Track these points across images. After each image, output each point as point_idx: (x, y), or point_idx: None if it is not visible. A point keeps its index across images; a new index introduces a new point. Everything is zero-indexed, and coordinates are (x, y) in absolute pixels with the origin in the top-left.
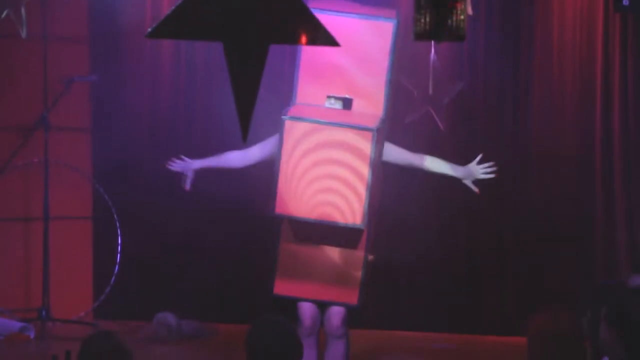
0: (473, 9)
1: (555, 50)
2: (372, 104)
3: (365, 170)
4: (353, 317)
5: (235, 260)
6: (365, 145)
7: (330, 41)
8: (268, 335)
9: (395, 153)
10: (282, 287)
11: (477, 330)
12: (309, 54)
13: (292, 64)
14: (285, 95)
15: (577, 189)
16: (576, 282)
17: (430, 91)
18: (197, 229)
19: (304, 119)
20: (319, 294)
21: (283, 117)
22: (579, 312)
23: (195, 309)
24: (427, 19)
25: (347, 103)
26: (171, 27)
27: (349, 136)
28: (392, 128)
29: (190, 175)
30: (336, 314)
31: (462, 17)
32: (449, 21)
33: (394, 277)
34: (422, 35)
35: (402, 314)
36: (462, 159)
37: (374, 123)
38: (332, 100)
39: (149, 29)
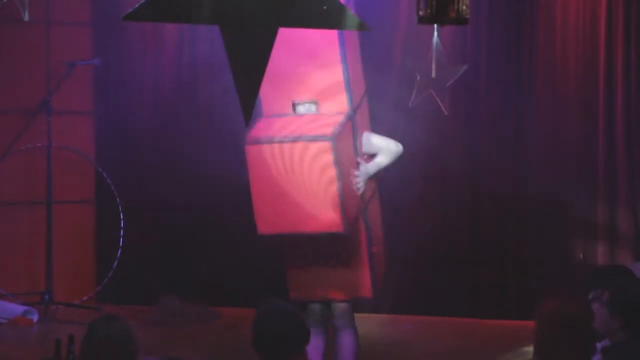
0: None
1: (559, 33)
2: (336, 101)
3: (333, 177)
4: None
5: (239, 243)
6: (327, 153)
7: (359, 25)
8: (275, 319)
9: (375, 143)
10: (297, 293)
11: (479, 314)
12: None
13: None
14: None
15: (580, 174)
16: (577, 267)
17: (434, 74)
18: (201, 212)
19: (262, 141)
20: (334, 295)
21: (245, 144)
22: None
23: (199, 292)
24: (431, 3)
25: (313, 106)
26: (153, 10)
27: (310, 149)
28: (396, 112)
29: None
30: (343, 307)
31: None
32: (453, 5)
33: (396, 262)
34: (426, 19)
35: (405, 298)
36: (465, 142)
37: (332, 128)
38: (298, 107)
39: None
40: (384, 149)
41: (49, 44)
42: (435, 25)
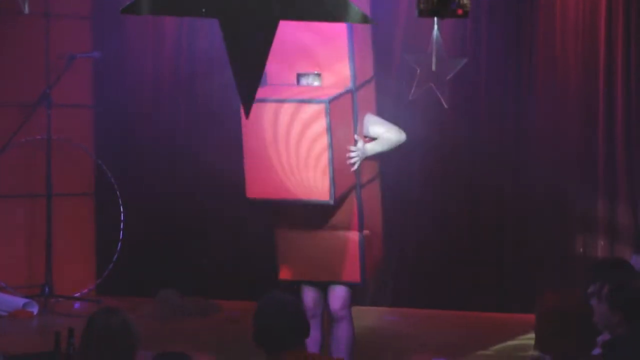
0: None
1: (558, 26)
2: (339, 78)
3: (325, 144)
4: (356, 295)
5: (239, 236)
6: (321, 118)
7: (362, 18)
8: (276, 312)
9: (377, 127)
10: (286, 272)
11: (479, 307)
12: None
13: None
14: None
15: (579, 169)
16: (577, 261)
17: (434, 68)
18: (200, 205)
19: (257, 99)
20: (322, 276)
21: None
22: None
23: (199, 285)
24: None
25: (316, 78)
26: (152, 3)
27: (304, 111)
28: (396, 105)
29: None
30: (338, 297)
31: None
32: None
33: (397, 254)
34: (426, 12)
35: (405, 291)
36: (465, 135)
37: (330, 95)
38: (302, 79)
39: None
40: (383, 137)
41: (48, 37)
42: (435, 19)
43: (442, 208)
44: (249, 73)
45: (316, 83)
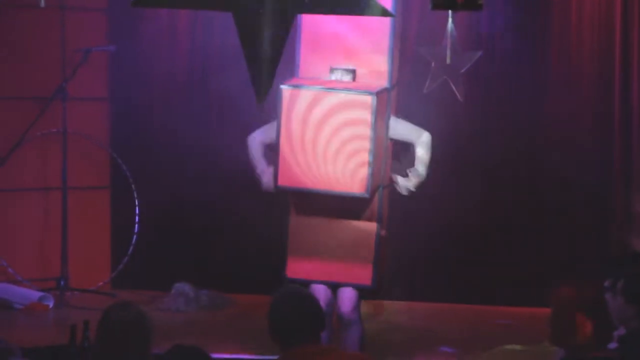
0: None
1: (574, 20)
2: (376, 75)
3: (367, 137)
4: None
5: (253, 230)
6: (366, 110)
7: (382, 11)
8: (291, 305)
9: (400, 129)
10: (295, 269)
11: (494, 301)
12: (310, 27)
13: (293, 37)
14: (287, 70)
15: (593, 161)
16: (591, 255)
17: (448, 61)
18: (215, 198)
19: (301, 86)
20: (332, 275)
21: (281, 86)
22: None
23: (213, 279)
24: None
25: (350, 74)
26: None
27: (349, 102)
28: (410, 98)
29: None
30: (347, 299)
31: None
32: None
33: (407, 249)
34: (440, 5)
35: (419, 285)
36: (479, 129)
37: (374, 89)
38: (336, 72)
39: None
40: (419, 157)
41: (64, 30)
42: (450, 12)
43: (457, 200)
44: (263, 67)
45: (346, 79)
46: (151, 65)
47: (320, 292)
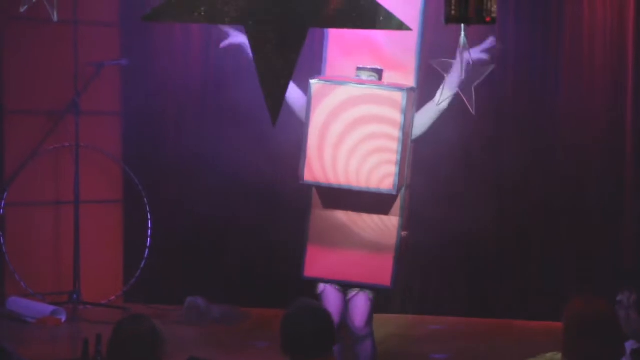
0: None
1: (586, 35)
2: (402, 75)
3: (396, 134)
4: (380, 302)
5: (265, 244)
6: (396, 107)
7: (398, 25)
8: (303, 319)
9: (417, 122)
10: (312, 266)
11: (504, 314)
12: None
13: (320, 37)
14: (314, 70)
15: (606, 174)
16: (603, 268)
17: (461, 75)
18: (228, 212)
19: (331, 81)
20: (350, 273)
21: (311, 80)
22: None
23: (226, 292)
24: (459, 2)
25: (377, 73)
26: (174, 10)
27: (378, 98)
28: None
29: (233, 42)
30: (360, 311)
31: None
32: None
33: (421, 260)
34: (453, 19)
35: (429, 298)
36: (492, 143)
37: (404, 87)
38: (362, 72)
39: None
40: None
41: (76, 44)
42: (463, 25)
43: (469, 213)
44: (276, 81)
45: (372, 78)
46: (163, 79)
47: (333, 300)
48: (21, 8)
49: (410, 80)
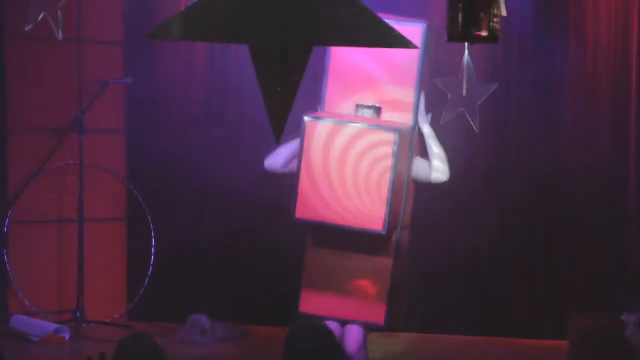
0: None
1: (590, 53)
2: (401, 114)
3: (388, 174)
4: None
5: (269, 261)
6: (388, 147)
7: (404, 43)
8: (307, 337)
9: (422, 168)
10: (308, 303)
11: (509, 333)
12: (338, 62)
13: (321, 71)
14: (308, 107)
15: (611, 191)
16: (609, 285)
17: (465, 93)
18: (231, 230)
19: (325, 118)
20: (345, 311)
21: (305, 117)
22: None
23: (229, 310)
24: (461, 21)
25: (376, 112)
26: (178, 28)
27: (371, 137)
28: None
29: None
30: (354, 340)
31: (496, 19)
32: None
33: (424, 280)
34: (456, 37)
35: (432, 317)
36: (496, 160)
37: (398, 127)
38: (361, 109)
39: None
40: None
41: (81, 63)
42: (466, 44)
43: (473, 232)
44: (280, 101)
45: (371, 116)
46: (168, 97)
47: (331, 328)
48: (26, 27)
49: (408, 120)
